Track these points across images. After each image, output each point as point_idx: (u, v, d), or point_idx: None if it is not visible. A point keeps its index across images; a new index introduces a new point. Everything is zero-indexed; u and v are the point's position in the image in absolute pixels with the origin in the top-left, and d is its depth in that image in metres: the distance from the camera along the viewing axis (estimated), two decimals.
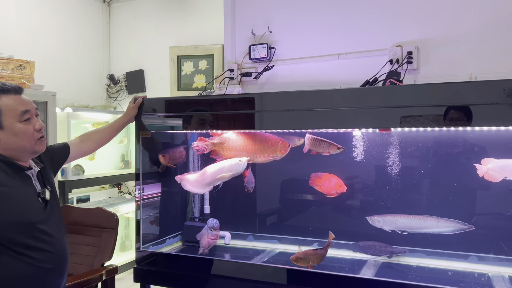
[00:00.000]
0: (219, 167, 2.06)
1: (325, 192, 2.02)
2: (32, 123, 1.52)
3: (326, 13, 2.52)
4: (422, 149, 1.99)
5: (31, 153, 1.55)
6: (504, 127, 1.58)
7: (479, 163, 1.82)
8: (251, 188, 2.12)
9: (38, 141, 1.54)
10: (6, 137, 1.47)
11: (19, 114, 1.49)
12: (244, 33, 2.70)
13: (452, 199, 1.96)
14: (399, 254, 2.01)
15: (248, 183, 2.12)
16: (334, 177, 2.02)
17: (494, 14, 2.16)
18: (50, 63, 3.81)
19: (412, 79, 2.29)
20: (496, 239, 1.89)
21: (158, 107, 2.11)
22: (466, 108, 1.54)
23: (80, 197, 3.87)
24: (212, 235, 2.13)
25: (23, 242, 1.46)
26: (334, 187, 2.00)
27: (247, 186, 2.12)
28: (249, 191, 2.13)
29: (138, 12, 4.33)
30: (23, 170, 1.54)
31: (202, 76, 4.03)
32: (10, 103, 1.48)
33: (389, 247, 2.02)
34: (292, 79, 2.58)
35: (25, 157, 1.55)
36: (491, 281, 1.78)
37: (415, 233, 1.93)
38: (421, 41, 2.31)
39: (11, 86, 1.51)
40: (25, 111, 1.51)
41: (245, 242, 2.31)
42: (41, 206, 1.55)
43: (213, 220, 2.17)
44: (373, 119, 1.71)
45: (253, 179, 2.14)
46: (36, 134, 1.53)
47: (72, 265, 2.24)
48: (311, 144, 1.99)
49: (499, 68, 2.10)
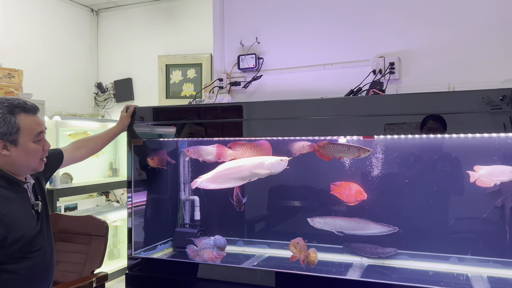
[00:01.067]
0: (259, 162, 1.97)
1: (345, 200, 2.01)
2: (42, 143, 1.57)
3: (312, 25, 2.60)
4: (403, 156, 2.07)
5: (32, 170, 1.59)
6: (479, 134, 1.69)
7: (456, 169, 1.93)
8: (242, 207, 2.16)
9: (41, 161, 1.59)
10: (18, 154, 1.51)
11: (35, 134, 1.54)
12: (233, 44, 2.78)
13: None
14: (389, 254, 2.06)
15: (238, 201, 2.16)
16: (354, 185, 2.01)
17: (471, 27, 2.28)
18: (38, 71, 3.82)
19: (394, 88, 2.38)
20: (474, 241, 1.98)
21: (150, 115, 2.16)
22: (444, 117, 1.64)
23: (68, 205, 3.86)
24: (218, 254, 2.09)
25: (17, 256, 1.49)
26: (355, 194, 1.99)
27: (238, 204, 2.15)
28: (240, 209, 2.16)
29: (127, 21, 4.37)
30: (20, 185, 1.57)
31: (190, 84, 4.09)
32: (28, 122, 1.51)
33: (379, 248, 2.08)
34: (279, 88, 2.65)
35: (24, 173, 1.58)
36: (470, 281, 1.86)
37: (400, 236, 2.02)
38: (403, 52, 2.41)
39: (32, 106, 1.56)
40: (40, 132, 1.55)
41: (235, 247, 2.35)
42: (35, 218, 1.58)
43: (222, 239, 2.12)
44: (357, 127, 1.80)
45: (242, 197, 2.18)
46: (43, 154, 1.58)
47: (62, 273, 2.25)
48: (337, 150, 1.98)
49: (476, 78, 2.21)
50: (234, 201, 2.18)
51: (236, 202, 2.16)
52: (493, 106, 1.55)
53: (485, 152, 1.86)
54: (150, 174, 2.33)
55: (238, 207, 2.17)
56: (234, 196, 2.19)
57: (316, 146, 2.00)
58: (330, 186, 2.04)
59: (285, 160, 1.95)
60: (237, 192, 2.17)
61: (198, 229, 2.34)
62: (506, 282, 1.87)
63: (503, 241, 1.91)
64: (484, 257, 1.94)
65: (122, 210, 4.01)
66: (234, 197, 2.19)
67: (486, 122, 1.59)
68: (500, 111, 1.54)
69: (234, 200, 2.19)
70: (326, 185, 2.09)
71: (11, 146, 1.49)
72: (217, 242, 2.10)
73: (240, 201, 2.17)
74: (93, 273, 2.18)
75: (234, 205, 2.18)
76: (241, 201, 2.17)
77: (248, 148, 2.06)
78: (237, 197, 2.17)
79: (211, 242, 2.12)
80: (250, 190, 2.29)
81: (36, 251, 1.54)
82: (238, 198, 2.17)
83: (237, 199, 2.17)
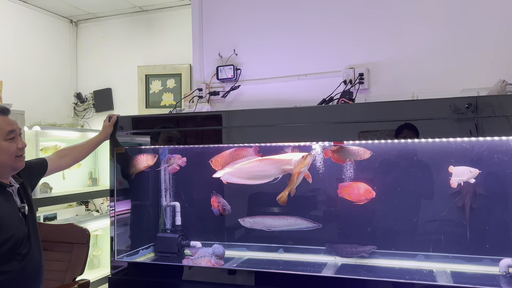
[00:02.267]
0: (287, 159, 1.99)
1: (355, 199, 2.04)
2: (16, 142, 1.63)
3: (286, 38, 2.74)
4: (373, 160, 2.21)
5: (11, 169, 1.64)
6: (438, 139, 1.84)
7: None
8: (228, 211, 2.22)
9: (18, 158, 1.64)
10: None
11: (6, 133, 1.60)
12: (211, 55, 2.88)
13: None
14: (369, 251, 2.15)
15: (224, 206, 2.21)
16: (362, 184, 2.04)
17: (432, 40, 2.46)
18: (17, 82, 3.82)
19: (364, 97, 2.53)
20: (438, 239, 2.13)
21: (132, 124, 2.23)
22: (407, 123, 1.78)
23: (47, 215, 3.84)
24: (216, 262, 2.16)
25: (8, 256, 1.54)
26: (364, 193, 2.02)
27: (226, 208, 2.20)
28: (224, 214, 2.22)
29: (106, 32, 4.42)
30: (5, 187, 1.62)
31: (170, 94, 4.16)
32: None
33: (359, 247, 2.17)
34: (256, 97, 2.77)
35: (5, 173, 1.64)
36: (434, 276, 1.99)
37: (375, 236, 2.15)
38: (371, 64, 2.57)
39: (1, 107, 1.62)
40: (11, 130, 1.61)
41: None
42: (23, 221, 1.63)
43: (221, 248, 2.18)
44: (328, 133, 1.93)
45: (227, 203, 2.23)
46: (18, 152, 1.63)
47: (44, 281, 2.27)
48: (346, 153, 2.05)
49: (437, 88, 2.38)
50: (218, 208, 2.23)
51: (223, 205, 2.21)
52: (457, 112, 1.70)
53: (445, 155, 2.02)
54: (132, 181, 2.40)
55: (223, 212, 2.22)
56: (216, 203, 2.25)
57: (330, 151, 2.08)
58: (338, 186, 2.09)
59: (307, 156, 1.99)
60: (221, 199, 2.24)
61: (179, 234, 2.42)
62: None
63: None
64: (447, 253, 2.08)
65: (102, 220, 4.01)
66: (217, 204, 2.25)
67: (448, 127, 1.73)
68: (461, 117, 1.69)
69: (218, 207, 2.24)
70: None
71: None
72: (215, 251, 2.17)
73: (226, 205, 2.22)
74: (75, 280, 2.22)
75: (217, 212, 2.23)
76: (226, 206, 2.22)
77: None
78: (223, 204, 2.23)
79: (209, 250, 2.19)
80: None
81: (26, 253, 1.59)
82: (223, 205, 2.23)
83: (222, 206, 2.23)
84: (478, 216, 2.05)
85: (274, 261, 2.29)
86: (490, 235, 2.04)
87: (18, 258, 1.57)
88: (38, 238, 1.72)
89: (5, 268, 1.53)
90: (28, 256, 1.61)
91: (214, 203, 2.24)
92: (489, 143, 1.94)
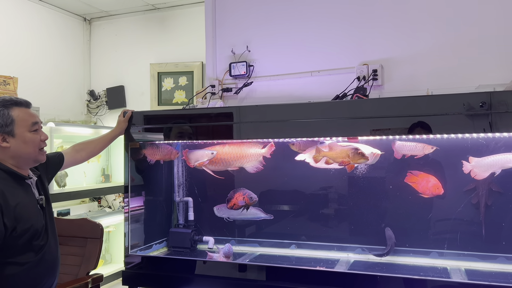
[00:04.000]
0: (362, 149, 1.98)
1: (420, 191, 2.00)
2: (39, 134, 1.66)
3: (300, 34, 2.73)
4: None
5: (34, 161, 1.67)
6: (454, 134, 1.83)
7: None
8: (255, 200, 2.25)
9: (40, 151, 1.67)
10: (17, 144, 1.60)
11: (30, 125, 1.63)
12: (224, 52, 2.89)
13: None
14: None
15: (250, 195, 2.24)
16: (432, 178, 2.00)
17: (446, 37, 2.43)
18: (32, 79, 3.88)
19: (377, 94, 2.51)
20: (452, 236, 2.11)
21: (150, 119, 2.26)
22: (422, 118, 1.77)
23: (60, 211, 3.90)
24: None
25: (26, 248, 1.56)
26: (431, 188, 1.97)
27: (252, 197, 2.24)
28: (251, 203, 2.25)
29: (119, 30, 4.46)
30: (24, 179, 1.65)
31: (182, 91, 4.19)
32: (21, 114, 1.62)
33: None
34: (269, 94, 2.77)
35: (27, 165, 1.67)
36: (449, 274, 1.97)
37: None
38: (385, 60, 2.55)
39: (23, 100, 1.66)
40: (35, 122, 1.65)
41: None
42: (41, 212, 1.66)
43: (226, 246, 2.26)
44: (342, 129, 1.92)
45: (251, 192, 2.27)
46: (41, 144, 1.67)
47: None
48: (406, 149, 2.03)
49: (452, 84, 2.35)
50: (244, 200, 2.24)
51: (248, 197, 2.23)
52: (470, 109, 1.68)
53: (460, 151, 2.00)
54: (146, 176, 2.42)
55: (249, 203, 2.24)
56: (241, 196, 2.25)
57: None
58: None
59: (377, 153, 2.02)
60: (245, 190, 2.25)
61: (192, 229, 2.43)
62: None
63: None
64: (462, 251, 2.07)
65: (114, 216, 4.05)
66: (242, 197, 2.25)
67: (464, 123, 1.71)
68: (479, 113, 1.67)
69: (244, 199, 2.25)
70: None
71: (10, 138, 1.59)
72: (225, 251, 2.24)
73: (252, 196, 2.24)
74: (88, 274, 2.24)
75: (243, 203, 2.25)
76: (253, 197, 2.24)
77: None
78: (248, 194, 2.24)
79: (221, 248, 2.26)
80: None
81: (43, 245, 1.62)
82: (249, 194, 2.24)
83: (248, 196, 2.24)
84: (493, 213, 2.02)
85: (286, 257, 2.29)
86: (505, 233, 2.02)
87: (35, 250, 1.59)
88: (54, 231, 1.75)
89: (22, 259, 1.56)
90: (45, 248, 1.63)
91: (239, 197, 2.26)
92: (506, 139, 1.92)
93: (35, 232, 1.58)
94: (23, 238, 1.55)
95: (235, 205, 2.26)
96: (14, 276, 1.54)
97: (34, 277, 1.60)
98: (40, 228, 1.62)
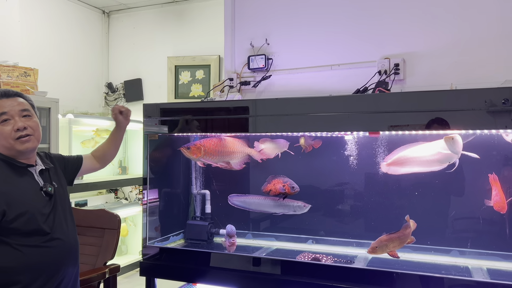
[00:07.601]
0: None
1: (494, 204, 1.91)
2: (11, 124, 1.60)
3: (320, 27, 2.70)
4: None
5: (16, 152, 1.62)
6: (480, 130, 1.78)
7: None
8: (296, 189, 2.18)
9: (17, 141, 1.60)
10: None
11: None
12: (243, 45, 2.87)
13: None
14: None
15: (291, 184, 2.17)
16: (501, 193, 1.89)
17: (471, 31, 2.37)
18: (51, 71, 3.93)
19: (399, 88, 2.45)
20: (475, 235, 2.06)
21: (171, 112, 2.26)
22: (445, 114, 1.73)
23: (78, 201, 3.96)
24: (229, 242, 2.20)
25: (28, 231, 1.56)
26: (499, 202, 1.89)
27: (294, 187, 2.17)
28: (292, 193, 2.18)
29: (137, 23, 4.48)
30: (22, 168, 1.64)
31: (199, 85, 4.19)
32: None
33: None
34: (288, 87, 2.74)
35: (18, 156, 1.64)
36: (470, 273, 1.94)
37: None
38: (407, 54, 2.49)
39: (1, 90, 1.64)
40: (1, 113, 1.60)
41: (244, 240, 2.43)
42: (45, 199, 1.63)
43: (228, 227, 2.23)
44: (362, 123, 1.89)
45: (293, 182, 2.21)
46: (14, 134, 1.60)
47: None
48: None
49: (477, 79, 2.29)
50: (285, 188, 2.17)
51: (290, 186, 2.16)
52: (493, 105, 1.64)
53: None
54: (163, 169, 2.42)
55: (289, 192, 2.17)
56: (281, 184, 2.18)
57: None
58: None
59: None
60: (286, 179, 2.19)
61: (209, 222, 2.43)
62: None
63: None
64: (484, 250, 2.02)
65: (130, 207, 4.10)
66: (282, 185, 2.18)
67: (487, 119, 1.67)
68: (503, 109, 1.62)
69: (285, 187, 2.17)
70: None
71: None
72: (226, 231, 2.22)
73: (294, 186, 2.17)
74: (106, 264, 2.27)
75: (283, 189, 2.17)
76: (294, 186, 2.17)
77: None
78: (290, 183, 2.17)
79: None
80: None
81: (49, 230, 1.61)
82: (290, 183, 2.17)
83: (290, 185, 2.17)
84: None
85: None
86: None
87: (41, 234, 1.58)
88: (67, 218, 1.72)
89: (29, 242, 1.56)
90: (53, 234, 1.61)
91: (278, 184, 2.19)
92: None
93: (31, 216, 1.57)
94: (19, 222, 1.54)
95: (272, 191, 2.19)
96: (18, 258, 1.53)
97: (46, 259, 1.59)
98: (42, 213, 1.60)
